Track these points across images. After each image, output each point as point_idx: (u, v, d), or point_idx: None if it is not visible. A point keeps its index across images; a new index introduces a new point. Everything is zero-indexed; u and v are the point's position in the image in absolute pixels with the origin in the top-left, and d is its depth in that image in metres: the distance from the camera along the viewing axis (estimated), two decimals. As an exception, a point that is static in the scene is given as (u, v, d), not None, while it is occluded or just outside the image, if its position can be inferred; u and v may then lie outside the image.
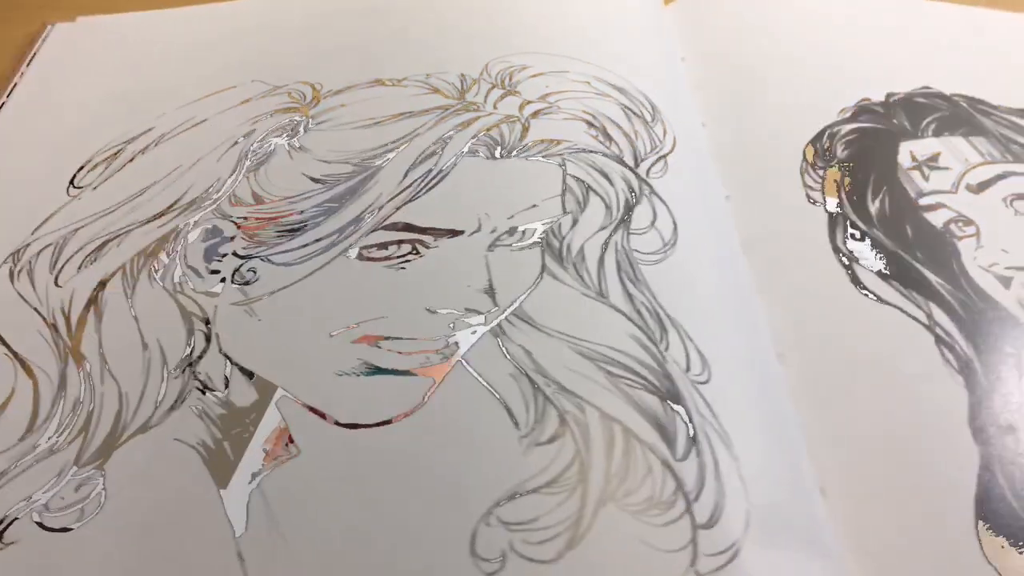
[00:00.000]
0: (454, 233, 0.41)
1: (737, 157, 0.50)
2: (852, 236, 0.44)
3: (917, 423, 0.37)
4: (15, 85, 0.55)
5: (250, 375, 0.37)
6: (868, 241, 0.44)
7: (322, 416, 0.35)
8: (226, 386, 0.37)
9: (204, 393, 0.36)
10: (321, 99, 0.51)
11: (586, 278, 0.40)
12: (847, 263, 0.43)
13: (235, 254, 0.42)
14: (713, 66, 0.57)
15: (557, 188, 0.43)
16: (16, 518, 0.33)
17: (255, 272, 0.41)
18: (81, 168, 0.48)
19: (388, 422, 0.35)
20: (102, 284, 0.41)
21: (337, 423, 0.35)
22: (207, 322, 0.39)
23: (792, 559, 0.31)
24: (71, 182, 0.47)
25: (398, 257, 0.41)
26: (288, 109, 0.50)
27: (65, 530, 0.32)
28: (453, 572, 0.30)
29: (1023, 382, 0.38)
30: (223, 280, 0.41)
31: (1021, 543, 0.33)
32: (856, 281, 0.42)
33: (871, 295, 0.42)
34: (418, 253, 0.41)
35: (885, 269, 0.43)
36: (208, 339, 0.38)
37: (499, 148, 0.45)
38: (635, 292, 0.39)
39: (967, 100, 0.54)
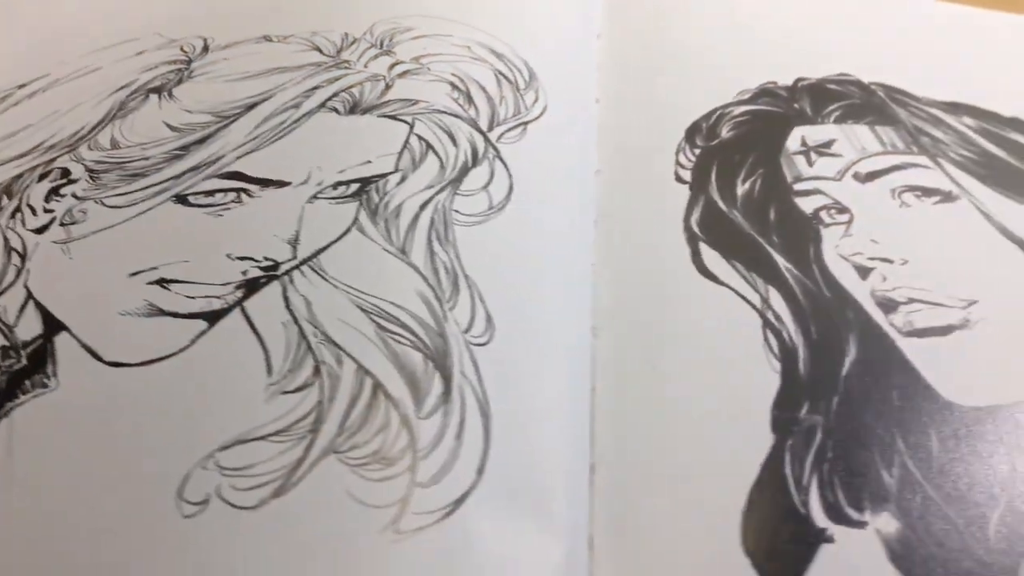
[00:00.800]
0: (282, 184, 0.40)
1: (624, 134, 0.48)
2: (701, 216, 0.42)
3: (717, 405, 0.35)
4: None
5: (43, 310, 0.36)
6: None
7: (94, 354, 0.34)
8: (17, 319, 0.36)
9: None
10: (209, 52, 0.50)
11: (393, 234, 0.38)
12: (693, 243, 0.41)
13: (74, 195, 0.41)
14: (627, 45, 0.55)
15: (397, 146, 0.42)
16: None
17: (85, 213, 0.40)
18: (-32, 111, 0.48)
19: (151, 363, 0.34)
20: (-58, 221, 0.41)
21: (103, 361, 0.34)
22: (24, 258, 0.39)
23: (517, 529, 0.29)
24: (-47, 124, 0.47)
25: (220, 204, 0.40)
26: (176, 61, 0.50)
27: None
28: (152, 513, 0.29)
29: (842, 377, 0.35)
30: (54, 219, 0.40)
31: (788, 535, 0.31)
32: (697, 261, 0.40)
33: (710, 276, 0.40)
34: (240, 201, 0.40)
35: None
36: (18, 274, 0.38)
37: (355, 105, 0.44)
38: (439, 251, 0.38)
39: (885, 89, 0.51)
